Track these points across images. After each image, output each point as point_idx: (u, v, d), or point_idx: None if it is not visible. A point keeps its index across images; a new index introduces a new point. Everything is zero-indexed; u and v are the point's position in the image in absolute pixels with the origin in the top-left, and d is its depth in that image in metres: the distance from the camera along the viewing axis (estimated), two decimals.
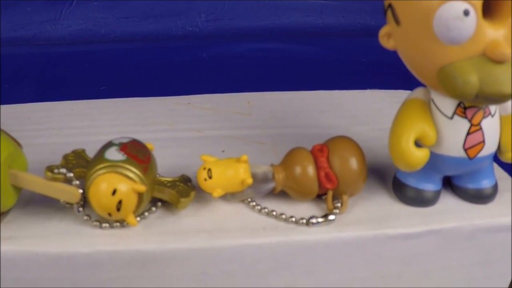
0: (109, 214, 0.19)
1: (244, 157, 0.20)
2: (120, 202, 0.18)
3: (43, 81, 0.60)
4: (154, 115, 0.28)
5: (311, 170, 0.20)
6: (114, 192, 0.18)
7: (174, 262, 0.19)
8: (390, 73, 0.54)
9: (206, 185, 0.20)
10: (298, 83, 0.50)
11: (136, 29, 0.60)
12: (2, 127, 0.22)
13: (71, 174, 0.19)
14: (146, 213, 0.20)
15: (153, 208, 0.20)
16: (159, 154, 0.22)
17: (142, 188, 0.18)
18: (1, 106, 0.34)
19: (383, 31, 0.20)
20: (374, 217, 0.21)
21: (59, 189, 0.19)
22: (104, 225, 0.20)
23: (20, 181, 0.19)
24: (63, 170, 0.19)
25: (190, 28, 0.58)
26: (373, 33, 0.70)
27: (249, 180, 0.20)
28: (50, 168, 0.20)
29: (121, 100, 0.30)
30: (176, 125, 0.27)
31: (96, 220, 0.20)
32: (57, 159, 0.22)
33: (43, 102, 0.32)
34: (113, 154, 0.19)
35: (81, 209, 0.19)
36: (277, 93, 0.30)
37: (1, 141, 0.19)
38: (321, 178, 0.20)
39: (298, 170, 0.20)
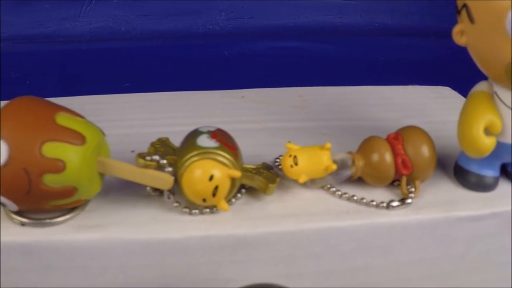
0: (204, 200, 0.19)
1: (328, 145, 0.21)
2: (216, 187, 0.19)
3: (65, 78, 0.60)
4: (210, 107, 0.29)
5: (388, 157, 0.22)
6: (211, 177, 0.19)
7: (263, 246, 0.20)
8: (406, 70, 0.56)
9: (292, 171, 0.21)
10: (319, 80, 0.51)
11: (156, 27, 0.60)
12: None
13: (165, 161, 0.20)
14: (233, 200, 0.21)
15: (239, 195, 0.21)
16: None
17: (237, 173, 0.19)
18: (49, 99, 0.34)
19: (456, 29, 0.21)
20: (443, 201, 0.22)
21: (152, 176, 0.19)
22: (194, 211, 0.20)
23: (108, 168, 0.20)
24: (156, 157, 0.20)
25: (211, 26, 0.59)
26: (389, 32, 0.72)
27: (334, 167, 0.21)
28: (142, 155, 0.20)
29: (174, 93, 0.31)
30: (235, 117, 0.28)
31: (185, 207, 0.20)
32: (123, 149, 0.23)
33: (94, 95, 0.33)
34: (205, 141, 0.20)
35: (171, 196, 0.20)
36: (326, 88, 0.31)
37: (91, 128, 0.20)
38: (398, 165, 0.22)
39: (375, 157, 0.22)
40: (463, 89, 0.37)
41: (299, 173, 0.21)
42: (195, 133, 0.21)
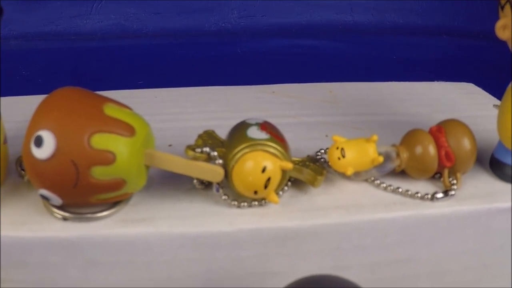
0: (255, 192, 0.19)
1: (375, 137, 0.21)
2: (268, 179, 0.19)
3: (76, 75, 0.59)
4: (243, 102, 0.29)
5: (432, 149, 0.22)
6: (263, 169, 0.19)
7: (312, 238, 0.20)
8: (417, 68, 0.56)
9: (339, 164, 0.21)
10: (331, 77, 0.52)
11: (168, 25, 0.60)
12: None
13: (215, 153, 0.20)
14: (280, 192, 0.21)
15: (285, 187, 0.21)
16: None
17: (289, 165, 0.19)
18: None
19: (500, 23, 0.22)
20: (483, 192, 0.23)
21: (203, 168, 0.19)
22: (242, 204, 0.20)
23: (157, 160, 0.20)
24: (207, 149, 0.20)
25: (223, 24, 0.59)
26: (400, 30, 0.72)
27: (380, 159, 0.21)
28: (191, 147, 0.20)
29: (204, 88, 0.31)
30: (269, 112, 0.28)
31: (233, 200, 0.20)
32: (158, 144, 0.23)
33: (122, 90, 0.33)
34: (256, 133, 0.20)
35: (220, 188, 0.20)
36: (355, 84, 0.31)
37: (139, 120, 0.20)
38: (441, 157, 0.22)
39: (419, 149, 0.22)
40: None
41: (347, 166, 0.21)
42: (244, 125, 0.21)
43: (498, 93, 0.29)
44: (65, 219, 0.20)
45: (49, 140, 0.18)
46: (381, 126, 0.27)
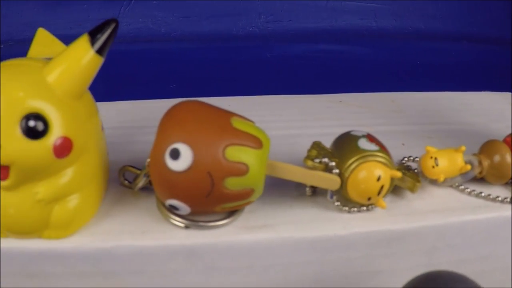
0: (369, 199, 0.21)
1: (463, 148, 0.23)
2: (382, 187, 0.21)
3: (105, 78, 0.60)
4: (315, 111, 0.31)
5: (508, 157, 0.24)
6: (378, 178, 0.21)
7: (413, 239, 0.22)
8: (441, 74, 0.59)
9: (433, 171, 0.23)
10: (358, 83, 0.54)
11: (196, 29, 0.61)
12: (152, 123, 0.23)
13: (333, 163, 0.21)
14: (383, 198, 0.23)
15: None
16: None
17: (399, 174, 0.21)
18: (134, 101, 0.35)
19: None
20: None
21: (321, 177, 0.21)
22: (352, 209, 0.22)
23: (278, 170, 0.21)
24: (325, 160, 0.21)
25: (250, 29, 0.60)
26: (423, 36, 0.75)
27: (468, 167, 0.23)
28: (310, 157, 0.22)
29: (275, 97, 0.33)
30: (343, 121, 0.30)
31: (344, 205, 0.22)
32: None
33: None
34: (366, 144, 0.22)
35: (334, 195, 0.22)
36: (413, 94, 0.34)
37: (262, 132, 0.21)
38: None
39: (497, 158, 0.24)
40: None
41: (439, 173, 0.23)
42: (352, 137, 0.23)
43: None
44: (187, 227, 0.21)
45: (186, 153, 0.19)
46: (448, 135, 0.30)
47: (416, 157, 0.26)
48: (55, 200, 0.21)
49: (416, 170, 0.25)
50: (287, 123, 0.30)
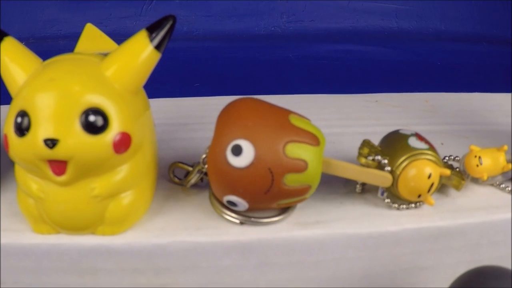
0: (419, 196, 0.22)
1: (505, 147, 0.24)
2: (432, 185, 0.22)
3: None
4: (353, 110, 0.31)
5: None
6: (429, 176, 0.21)
7: (459, 235, 0.23)
8: (461, 75, 0.60)
9: (477, 170, 0.24)
10: (381, 83, 0.54)
11: (218, 28, 0.61)
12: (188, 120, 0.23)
13: (386, 161, 0.22)
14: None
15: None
16: None
17: (448, 172, 0.22)
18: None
19: None
20: None
21: (374, 174, 0.22)
22: (401, 206, 0.23)
23: (332, 167, 0.22)
24: (378, 157, 0.22)
25: (273, 28, 0.61)
26: (442, 37, 0.75)
27: (509, 166, 0.24)
28: (363, 155, 0.22)
29: (312, 96, 0.33)
30: (383, 120, 0.30)
31: (393, 202, 0.23)
32: None
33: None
34: (416, 143, 0.22)
35: (385, 192, 0.23)
36: (446, 94, 0.34)
37: (317, 130, 0.21)
38: None
39: None
40: None
41: (483, 172, 0.24)
42: (401, 135, 0.23)
43: None
44: (242, 223, 0.22)
45: (248, 149, 0.20)
46: (484, 135, 0.30)
47: (457, 156, 0.26)
48: (111, 196, 0.21)
49: (457, 169, 0.25)
50: (327, 121, 0.30)
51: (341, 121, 0.30)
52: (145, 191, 0.22)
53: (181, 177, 0.25)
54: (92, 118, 0.19)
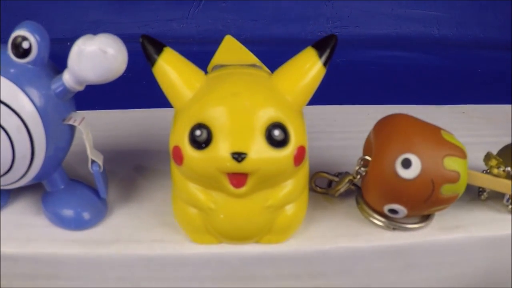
0: None
1: None
2: None
3: None
4: (447, 123, 0.32)
5: None
6: None
7: None
8: (499, 83, 0.62)
9: None
10: (424, 89, 0.56)
11: (265, 32, 0.62)
12: None
13: None
14: None
15: None
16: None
17: None
18: None
19: None
20: None
21: (507, 184, 0.23)
22: None
23: (472, 178, 0.23)
24: (508, 169, 0.24)
25: (319, 33, 0.62)
26: (482, 45, 0.77)
27: None
28: (493, 167, 0.24)
29: (386, 107, 0.34)
30: (476, 132, 0.32)
31: None
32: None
33: None
34: None
35: (510, 199, 0.24)
36: (481, 106, 0.36)
37: (461, 144, 0.23)
38: None
39: None
40: None
41: None
42: None
43: None
44: (394, 229, 0.23)
45: (416, 163, 0.21)
46: None
47: None
48: (281, 207, 0.22)
49: None
50: None
51: None
52: (303, 201, 0.23)
53: (321, 186, 0.26)
54: (276, 132, 0.19)
